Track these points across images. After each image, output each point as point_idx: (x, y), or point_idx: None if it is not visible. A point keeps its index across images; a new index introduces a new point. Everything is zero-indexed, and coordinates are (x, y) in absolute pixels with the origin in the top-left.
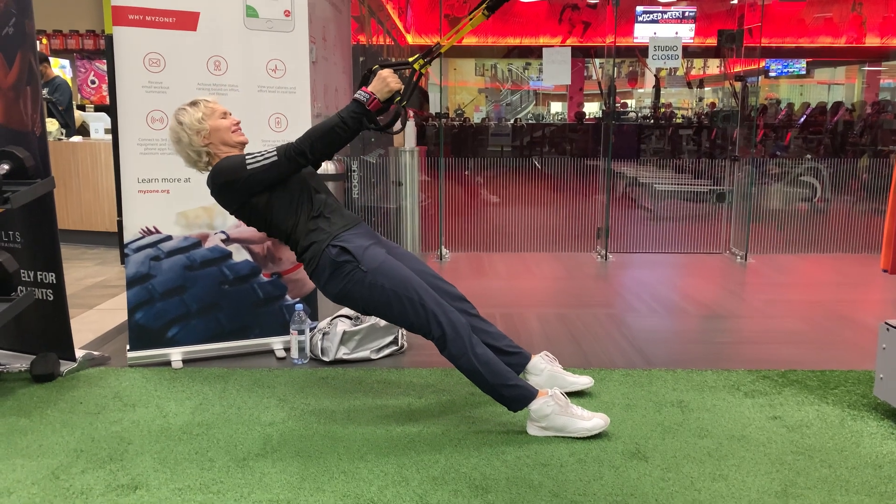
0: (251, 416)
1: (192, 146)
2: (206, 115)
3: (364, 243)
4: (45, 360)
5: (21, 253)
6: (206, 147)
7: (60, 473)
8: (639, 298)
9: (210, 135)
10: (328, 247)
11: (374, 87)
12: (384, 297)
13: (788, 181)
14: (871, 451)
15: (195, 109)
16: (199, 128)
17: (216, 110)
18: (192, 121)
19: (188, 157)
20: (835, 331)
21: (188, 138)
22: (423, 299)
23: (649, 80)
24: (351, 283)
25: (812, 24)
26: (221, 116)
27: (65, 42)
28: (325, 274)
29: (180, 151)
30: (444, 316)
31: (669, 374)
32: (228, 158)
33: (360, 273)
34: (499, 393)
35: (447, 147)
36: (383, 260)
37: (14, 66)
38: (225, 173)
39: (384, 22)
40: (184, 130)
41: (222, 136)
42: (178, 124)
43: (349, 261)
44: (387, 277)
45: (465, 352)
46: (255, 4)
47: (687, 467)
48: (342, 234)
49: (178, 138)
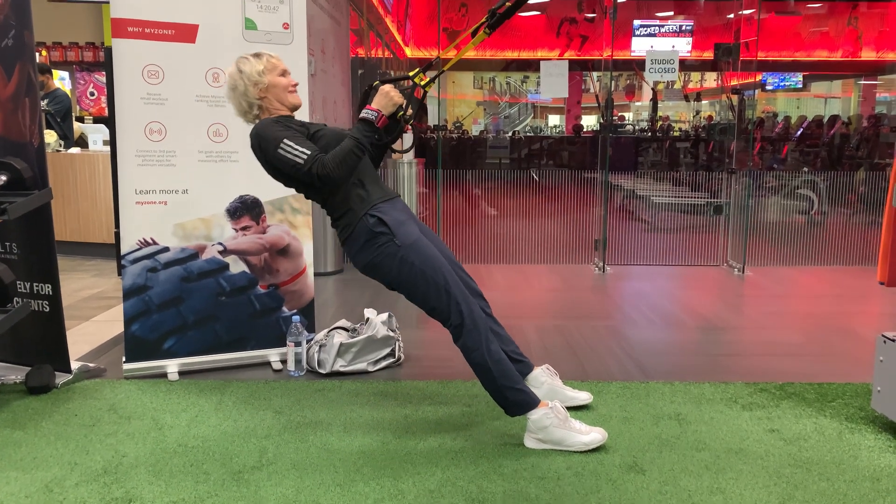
0: (247, 428)
1: (247, 96)
2: (267, 69)
3: (401, 218)
4: (41, 372)
5: (17, 264)
6: (260, 101)
7: (54, 486)
8: (636, 310)
9: (267, 89)
10: (365, 215)
11: (379, 104)
12: (412, 274)
13: (786, 194)
14: (868, 465)
15: (258, 61)
16: (258, 80)
17: (277, 66)
18: (252, 71)
19: (239, 107)
20: (832, 343)
21: (244, 87)
22: (449, 285)
23: (647, 93)
24: (382, 255)
25: (808, 38)
26: (281, 74)
27: (64, 54)
28: (359, 243)
29: (233, 99)
30: (465, 306)
31: (667, 387)
32: (273, 127)
33: (393, 246)
34: (502, 394)
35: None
36: (417, 238)
37: (13, 78)
38: (261, 140)
39: (383, 35)
40: (242, 79)
41: (278, 93)
42: (238, 72)
43: (384, 233)
44: (418, 256)
45: (479, 346)
46: (254, 17)
47: (684, 480)
48: (380, 205)
49: (235, 85)
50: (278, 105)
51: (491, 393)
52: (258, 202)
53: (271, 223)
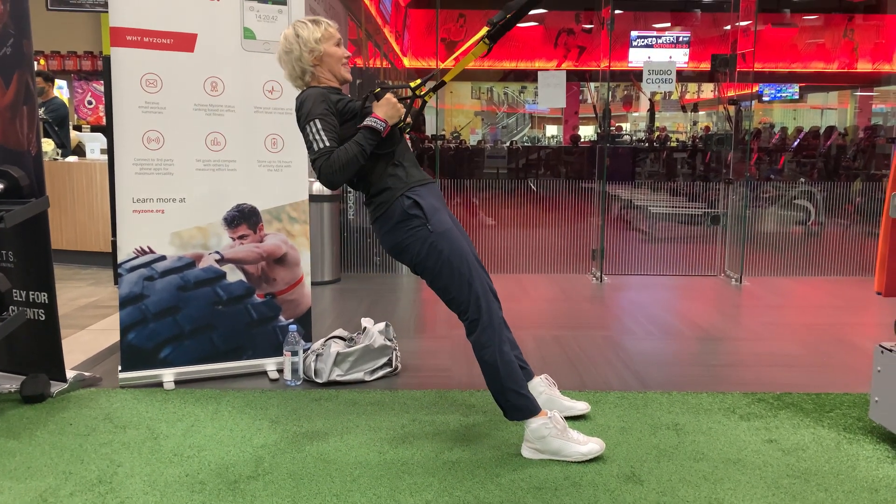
0: (243, 437)
1: (301, 61)
2: (324, 36)
3: (436, 204)
4: (36, 381)
5: (14, 272)
6: (313, 68)
7: (48, 496)
8: (634, 320)
9: (322, 57)
10: (402, 196)
11: (384, 113)
12: (439, 262)
13: (783, 204)
14: (867, 475)
15: (316, 28)
16: (314, 47)
17: (334, 35)
18: (310, 37)
19: (291, 71)
20: (830, 353)
21: (299, 52)
22: (473, 279)
23: (644, 103)
24: (413, 237)
25: (805, 49)
26: (337, 44)
27: (62, 63)
28: (392, 222)
29: (287, 63)
30: (485, 302)
31: (665, 397)
32: (317, 100)
33: (425, 231)
34: (505, 396)
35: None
36: (450, 227)
37: (11, 86)
38: (301, 108)
39: (381, 45)
40: (298, 43)
41: (332, 63)
42: (295, 36)
43: (418, 216)
44: (448, 244)
45: (492, 344)
46: (252, 26)
47: (682, 491)
48: (417, 188)
49: (291, 49)
50: (329, 76)
51: (494, 393)
52: (255, 211)
53: (268, 232)
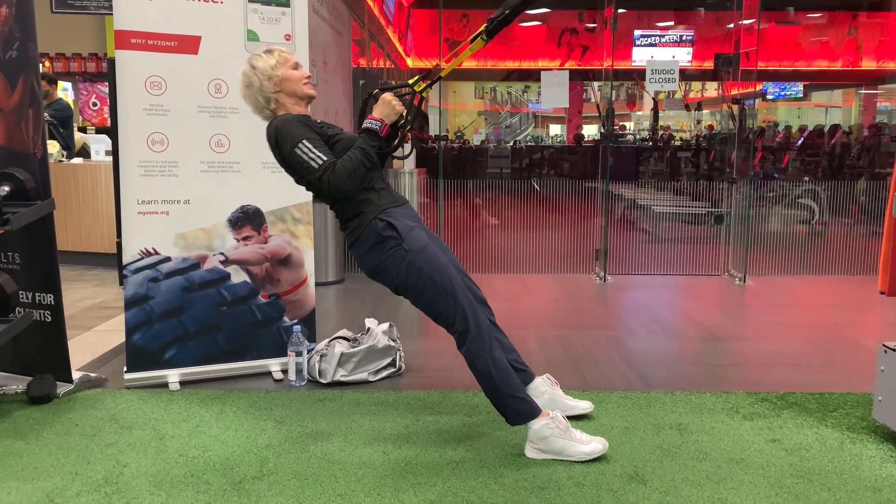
0: (248, 438)
1: (263, 91)
2: (279, 62)
3: (410, 223)
4: (42, 382)
5: (20, 274)
6: (276, 95)
7: (55, 496)
8: (637, 320)
9: (280, 83)
10: (375, 219)
11: (381, 113)
12: (419, 279)
13: (787, 203)
14: (870, 475)
15: (269, 56)
16: (271, 74)
17: (289, 60)
18: (265, 66)
19: (256, 103)
20: (833, 353)
21: (259, 83)
22: (456, 291)
23: (647, 102)
24: (390, 258)
25: (808, 47)
26: (293, 67)
27: (67, 65)
28: (367, 245)
29: (249, 96)
30: (471, 313)
31: (668, 397)
32: (294, 124)
33: (401, 251)
34: (504, 402)
35: (447, 169)
36: (426, 244)
37: (17, 89)
38: (279, 135)
39: (384, 45)
40: (256, 75)
41: (293, 86)
42: (251, 69)
43: (393, 237)
44: (426, 261)
45: (483, 353)
46: (256, 28)
47: (686, 490)
48: (390, 210)
49: (250, 82)
50: (293, 100)
51: (492, 400)
52: (259, 212)
53: (273, 233)
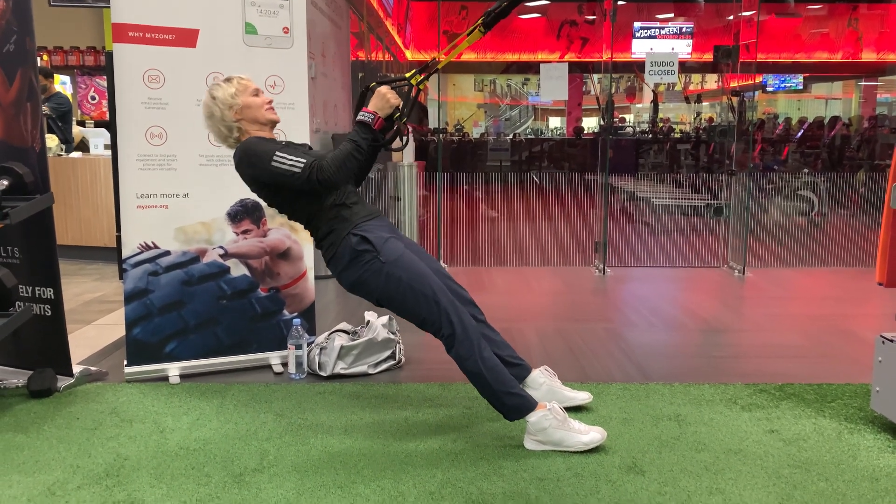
0: (248, 431)
1: (224, 121)
2: (238, 91)
3: (384, 235)
4: (43, 376)
5: (19, 268)
6: (238, 123)
7: (56, 489)
8: (637, 312)
9: (242, 110)
10: (349, 235)
11: (375, 106)
12: (399, 289)
13: (786, 195)
14: (867, 465)
15: (228, 85)
16: (232, 103)
17: (248, 87)
18: (225, 96)
19: (219, 133)
20: (832, 344)
21: (221, 113)
22: (438, 296)
23: (647, 95)
24: (368, 272)
25: (808, 39)
26: (253, 94)
27: (65, 58)
28: (343, 261)
29: (212, 126)
30: (455, 316)
31: (667, 388)
32: (261, 143)
33: (378, 263)
34: (499, 400)
35: (446, 162)
36: (402, 253)
37: (14, 83)
38: (249, 156)
39: (383, 38)
40: (216, 105)
41: (254, 113)
42: (211, 99)
43: (368, 250)
44: (404, 270)
45: (472, 354)
46: (254, 21)
47: (684, 481)
48: (363, 224)
49: (211, 113)
50: (256, 126)
51: (488, 399)
52: (259, 206)
53: (272, 227)
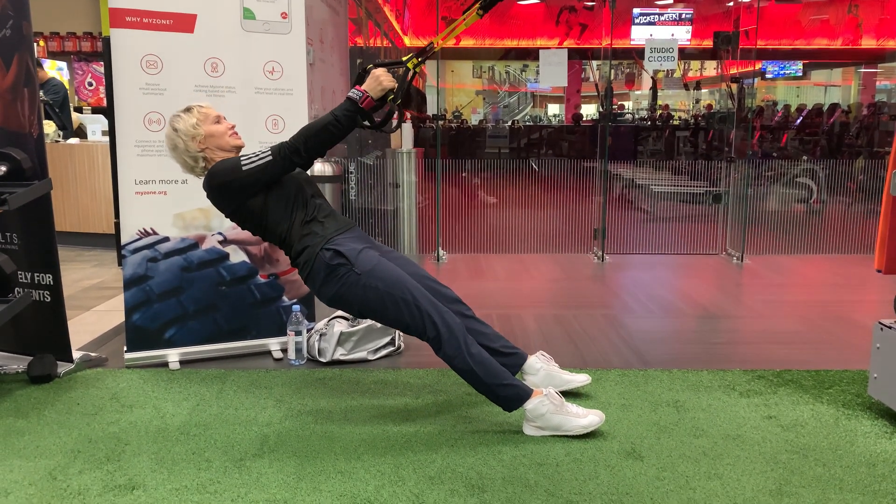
0: (248, 416)
1: (189, 152)
2: (200, 120)
3: (357, 246)
4: (43, 362)
5: (18, 254)
6: (202, 152)
7: (58, 474)
8: (635, 299)
9: (205, 139)
10: (322, 250)
11: (367, 86)
12: (378, 299)
13: (785, 182)
14: (865, 450)
15: (189, 115)
16: (195, 133)
17: (209, 115)
18: (187, 127)
19: (185, 164)
20: (830, 331)
21: (184, 144)
22: (418, 300)
23: (646, 81)
24: (345, 286)
25: (808, 26)
26: (215, 121)
27: (62, 44)
28: (320, 277)
29: (177, 158)
30: (438, 316)
31: (665, 375)
32: (224, 161)
33: (354, 276)
34: (494, 393)
35: (444, 149)
36: (377, 262)
37: (11, 69)
38: (220, 175)
39: (381, 24)
40: (179, 137)
41: (217, 140)
42: (173, 131)
43: (343, 264)
44: (381, 280)
45: (460, 352)
46: (252, 6)
47: (682, 466)
48: (335, 238)
49: (175, 145)
50: (221, 153)
51: (483, 394)
52: None
53: None
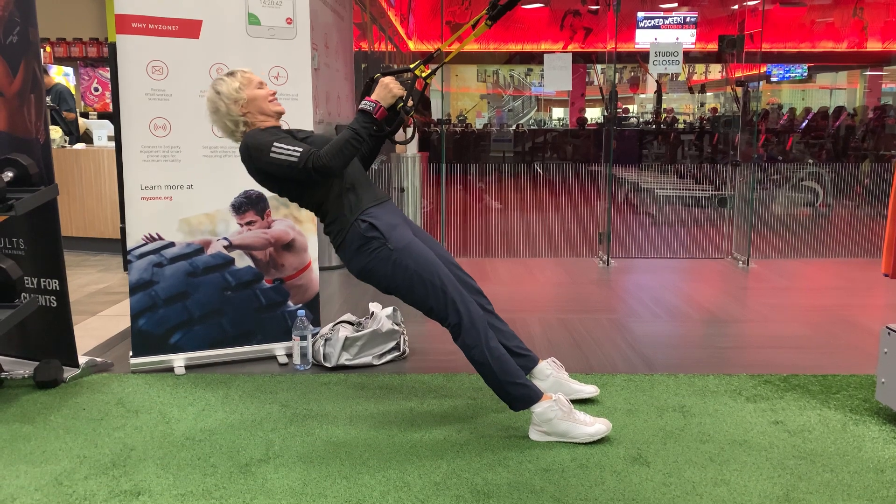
0: (253, 421)
1: (230, 115)
2: (243, 84)
3: (393, 221)
4: (49, 367)
5: (25, 260)
6: (244, 116)
7: (63, 479)
8: (641, 303)
9: (247, 104)
10: (357, 221)
11: (378, 96)
12: (407, 277)
13: (791, 186)
14: (872, 456)
15: (232, 79)
16: (237, 97)
17: (252, 80)
18: (230, 90)
19: (225, 127)
20: (837, 335)
21: (226, 107)
22: (445, 285)
23: (651, 85)
24: (376, 260)
25: (813, 29)
26: (258, 86)
27: (68, 50)
28: (352, 248)
29: (217, 121)
30: (463, 305)
31: (671, 379)
32: (260, 135)
33: (386, 251)
34: (505, 390)
35: (449, 153)
36: (410, 241)
37: (18, 74)
38: (251, 149)
39: (386, 29)
40: (221, 100)
41: (259, 105)
42: (216, 94)
43: (377, 237)
44: (412, 259)
45: (478, 343)
46: (257, 12)
47: (688, 472)
48: (371, 210)
49: (216, 108)
50: (262, 117)
51: (493, 389)
52: (263, 197)
53: (276, 218)
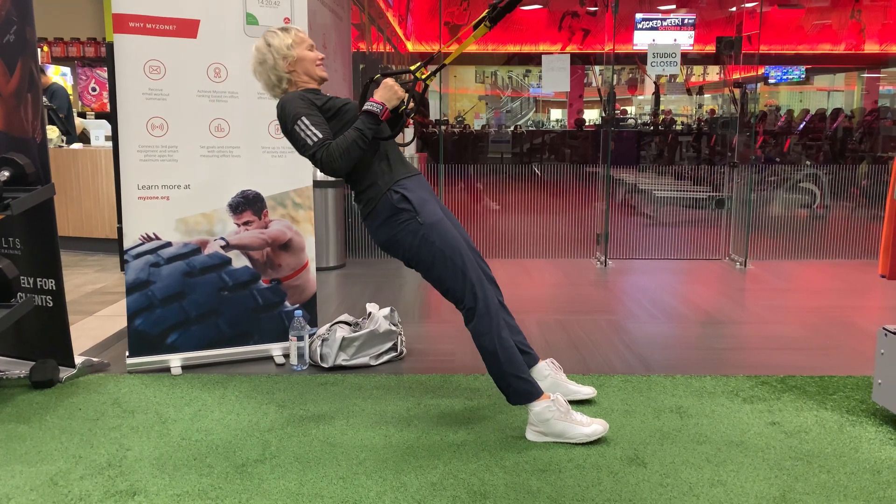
0: (250, 422)
1: (276, 70)
2: (295, 42)
3: (424, 196)
4: (45, 367)
5: (21, 259)
6: (289, 74)
7: (59, 479)
8: (638, 304)
9: (295, 63)
10: (390, 191)
11: (383, 97)
12: (431, 253)
13: (788, 187)
14: (869, 457)
15: (286, 34)
16: (287, 53)
17: (305, 40)
18: (281, 45)
19: (267, 81)
20: (834, 337)
21: (273, 61)
22: (467, 269)
23: (649, 86)
24: (404, 232)
25: (811, 31)
26: (308, 48)
27: (66, 49)
28: (381, 218)
29: (261, 74)
30: (480, 290)
31: (668, 380)
32: (296, 101)
33: (415, 224)
34: (507, 381)
35: (447, 154)
36: (440, 218)
37: (15, 74)
38: (282, 109)
39: (384, 29)
40: (271, 52)
41: (306, 66)
42: (266, 46)
43: (408, 209)
44: (439, 236)
45: (489, 331)
46: (255, 12)
47: (685, 473)
48: (403, 181)
49: (264, 59)
50: (306, 78)
51: (495, 379)
52: (260, 197)
53: (273, 218)
